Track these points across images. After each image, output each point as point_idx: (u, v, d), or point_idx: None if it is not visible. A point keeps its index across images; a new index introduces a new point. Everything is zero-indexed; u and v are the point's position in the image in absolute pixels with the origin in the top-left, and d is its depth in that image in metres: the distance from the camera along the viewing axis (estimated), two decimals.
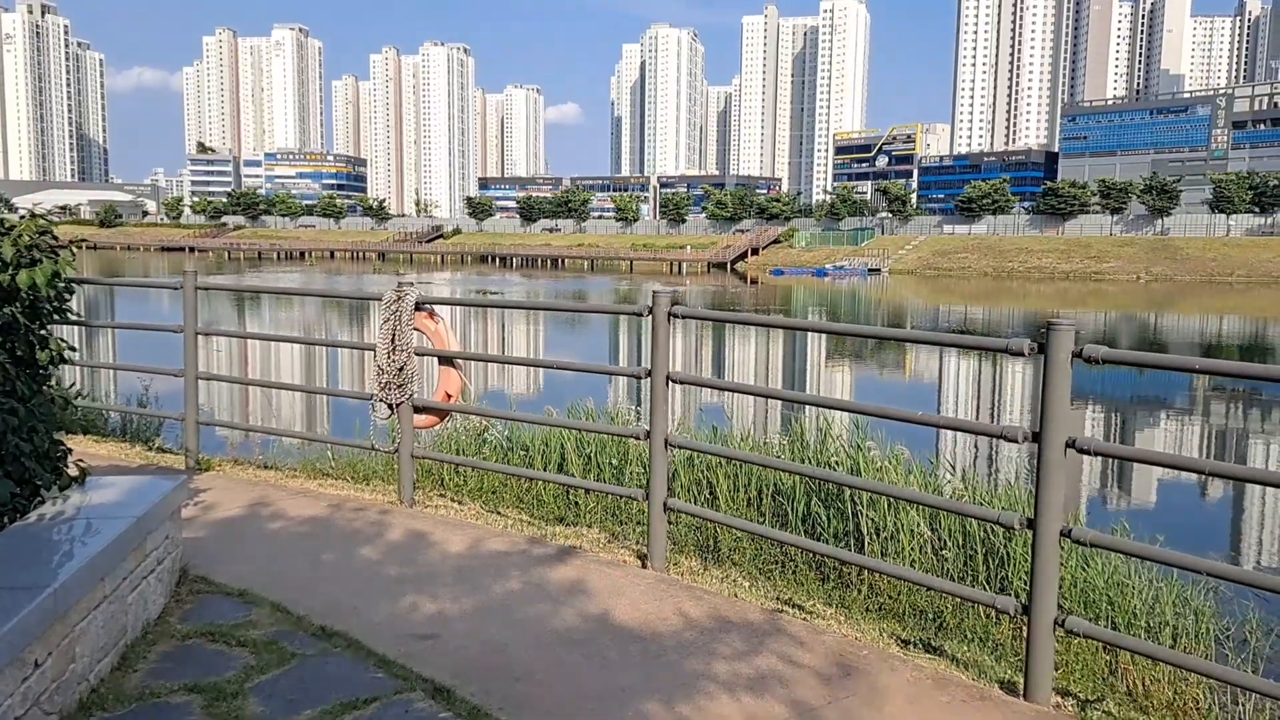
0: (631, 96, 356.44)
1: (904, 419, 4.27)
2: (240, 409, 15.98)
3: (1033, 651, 3.76)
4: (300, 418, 15.44)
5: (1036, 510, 3.69)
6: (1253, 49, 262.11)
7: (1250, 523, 11.99)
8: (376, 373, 6.32)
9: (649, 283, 78.93)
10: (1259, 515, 12.13)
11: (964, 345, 4.02)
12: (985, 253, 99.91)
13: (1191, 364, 3.36)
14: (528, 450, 8.91)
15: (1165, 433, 17.96)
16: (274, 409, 14.64)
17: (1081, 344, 3.54)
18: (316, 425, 14.90)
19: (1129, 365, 3.65)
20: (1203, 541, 10.52)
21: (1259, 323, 47.50)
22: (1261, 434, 18.10)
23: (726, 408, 15.99)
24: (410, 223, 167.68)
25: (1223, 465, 3.35)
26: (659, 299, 5.06)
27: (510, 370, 20.60)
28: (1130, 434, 17.70)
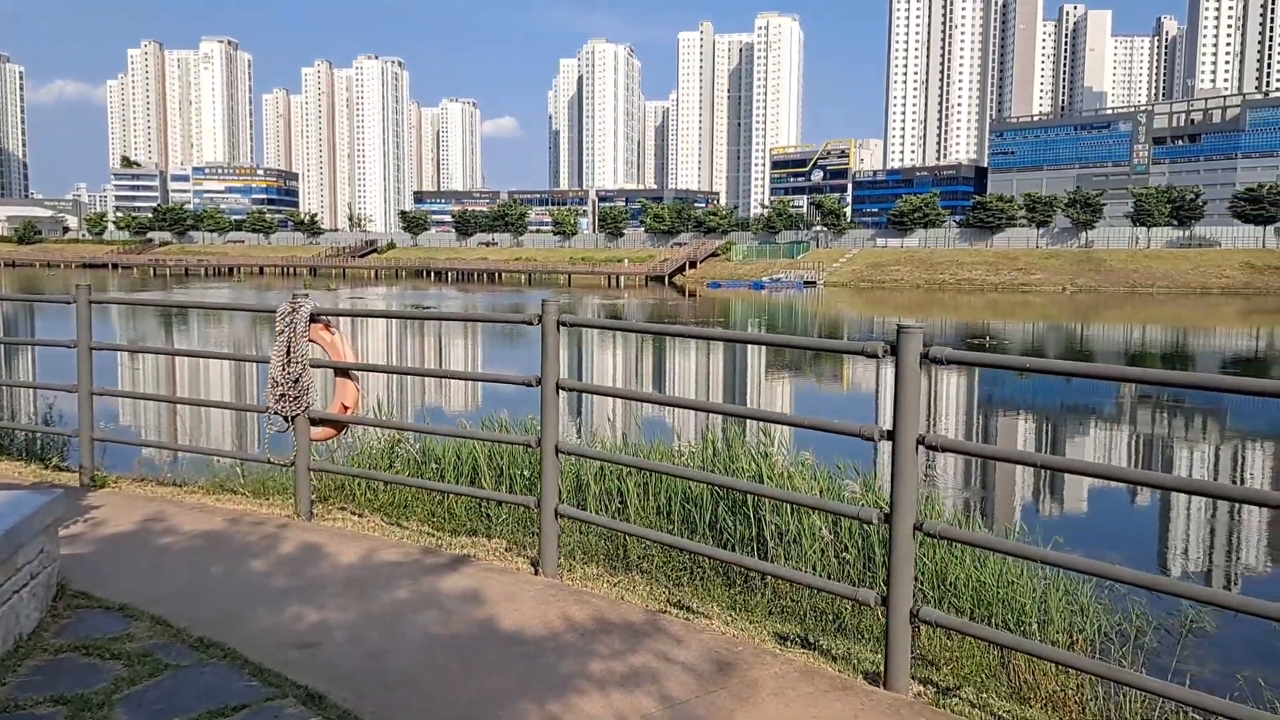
0: (569, 111, 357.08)
1: (770, 419, 4.41)
2: (159, 426, 15.68)
3: (891, 641, 3.91)
4: (212, 433, 15.20)
5: (892, 505, 3.85)
6: (1170, 67, 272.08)
7: (1154, 524, 12.45)
8: (271, 384, 6.29)
9: (588, 296, 79.01)
10: (1164, 517, 12.60)
11: (825, 349, 4.16)
12: (917, 265, 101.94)
13: (1023, 363, 3.56)
14: (440, 463, 8.91)
15: (1094, 439, 18.51)
16: (187, 425, 14.40)
17: (928, 346, 3.71)
18: (229, 440, 14.68)
19: (968, 365, 3.83)
20: (1123, 545, 10.91)
21: (1179, 331, 49.21)
22: (1186, 441, 18.77)
23: (668, 421, 16.12)
24: (343, 237, 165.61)
25: (1054, 459, 3.54)
26: (547, 308, 5.15)
27: (428, 383, 20.49)
28: (1060, 441, 18.24)
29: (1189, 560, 10.75)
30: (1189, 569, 10.39)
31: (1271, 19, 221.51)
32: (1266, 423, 19.39)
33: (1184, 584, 3.84)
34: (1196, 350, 39.19)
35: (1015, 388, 24.35)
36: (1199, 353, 38.01)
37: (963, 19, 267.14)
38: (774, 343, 4.33)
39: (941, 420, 19.96)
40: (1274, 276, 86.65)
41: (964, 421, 20.40)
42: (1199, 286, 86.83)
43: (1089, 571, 3.71)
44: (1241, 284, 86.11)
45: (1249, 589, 9.72)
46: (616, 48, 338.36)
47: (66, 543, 5.43)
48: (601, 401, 16.15)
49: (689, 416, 16.45)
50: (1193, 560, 10.76)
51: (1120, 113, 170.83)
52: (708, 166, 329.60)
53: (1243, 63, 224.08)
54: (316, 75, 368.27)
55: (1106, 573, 3.58)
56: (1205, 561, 10.71)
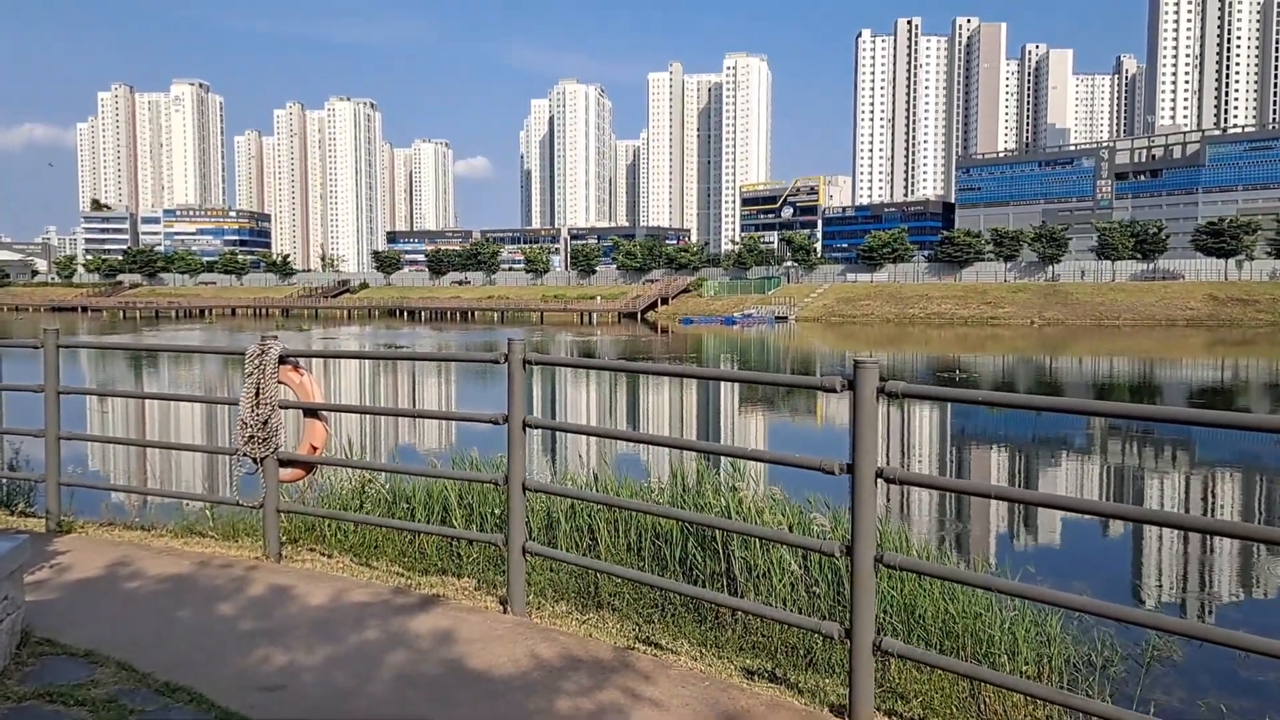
0: (541, 150, 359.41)
1: (736, 455, 4.48)
2: (126, 470, 15.50)
3: (855, 673, 3.96)
4: (181, 476, 15.05)
5: (853, 538, 3.92)
6: (1131, 104, 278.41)
7: (1122, 555, 12.59)
8: (240, 426, 6.30)
9: (560, 333, 79.05)
10: (1132, 548, 12.75)
11: (785, 384, 4.22)
12: (888, 300, 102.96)
13: (976, 396, 3.66)
14: (410, 502, 8.90)
15: (1064, 470, 18.71)
16: (155, 468, 14.25)
17: (884, 381, 3.80)
18: (198, 483, 14.55)
19: (924, 399, 3.93)
20: (1091, 575, 11.03)
21: (1146, 363, 49.92)
22: (1154, 471, 19.01)
23: (643, 458, 16.12)
24: (316, 278, 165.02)
25: (1007, 489, 3.62)
26: (514, 347, 5.21)
27: (400, 422, 20.40)
28: (1034, 475, 18.40)
29: (1156, 590, 10.87)
30: (1156, 599, 10.51)
31: (1228, 58, 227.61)
32: (1232, 454, 19.69)
33: (1149, 614, 3.94)
34: (1164, 382, 39.75)
35: (986, 421, 24.59)
36: (1166, 384, 38.56)
37: (927, 58, 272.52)
38: (737, 378, 4.42)
39: (914, 453, 20.11)
40: (1236, 308, 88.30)
41: (935, 454, 20.55)
42: (1164, 319, 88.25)
43: (1054, 602, 3.78)
44: (1205, 316, 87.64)
45: (1217, 619, 9.85)
46: (587, 88, 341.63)
47: (31, 589, 5.38)
48: (574, 439, 16.17)
49: (660, 453, 16.48)
50: (1159, 590, 10.89)
51: (1083, 149, 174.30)
52: (679, 204, 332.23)
53: (1201, 100, 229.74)
54: (288, 116, 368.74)
55: (1072, 603, 3.66)
56: (1173, 591, 10.84)
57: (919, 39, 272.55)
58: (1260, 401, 31.80)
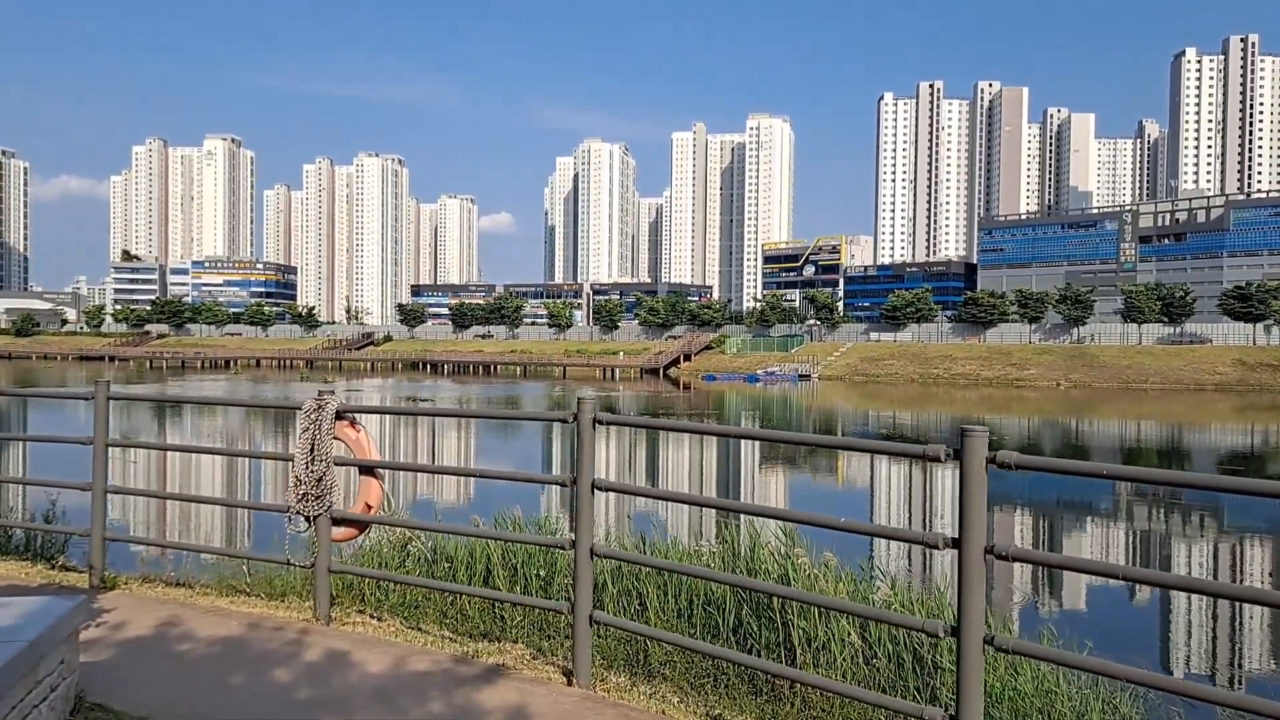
0: (565, 206, 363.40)
1: (828, 525, 4.27)
2: (156, 523, 15.37)
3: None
4: (218, 531, 14.89)
5: (960, 617, 3.69)
6: (1153, 168, 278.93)
7: (1180, 628, 12.14)
8: (294, 483, 6.14)
9: (582, 388, 79.00)
10: (1187, 620, 12.29)
11: (883, 450, 4.01)
12: (911, 359, 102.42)
13: (1100, 469, 3.44)
14: (451, 562, 8.69)
15: (1090, 536, 18.22)
16: (191, 523, 14.11)
17: (996, 450, 3.61)
18: (236, 539, 14.38)
19: (1041, 471, 3.73)
20: (1134, 647, 10.60)
21: (1175, 428, 49.17)
22: (1183, 538, 18.51)
23: (660, 515, 15.86)
24: (340, 330, 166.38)
25: (1141, 571, 3.40)
26: (584, 405, 5.05)
27: (438, 479, 20.22)
28: (1057, 538, 17.91)
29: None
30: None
31: (1250, 122, 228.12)
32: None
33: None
34: (1201, 448, 39.07)
35: (1062, 487, 23.81)
36: (1203, 450, 37.89)
37: (949, 121, 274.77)
38: (828, 444, 4.23)
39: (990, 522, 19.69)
40: (1266, 373, 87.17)
41: (1026, 525, 19.99)
42: (1192, 383, 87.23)
43: (1187, 694, 3.53)
44: (1235, 380, 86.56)
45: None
46: (612, 146, 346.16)
47: (83, 649, 5.21)
48: (612, 498, 15.89)
49: (693, 511, 16.18)
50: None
51: (1106, 212, 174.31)
52: (701, 261, 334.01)
53: (1224, 164, 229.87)
54: (318, 171, 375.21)
55: (1209, 696, 3.42)
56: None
57: (941, 102, 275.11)
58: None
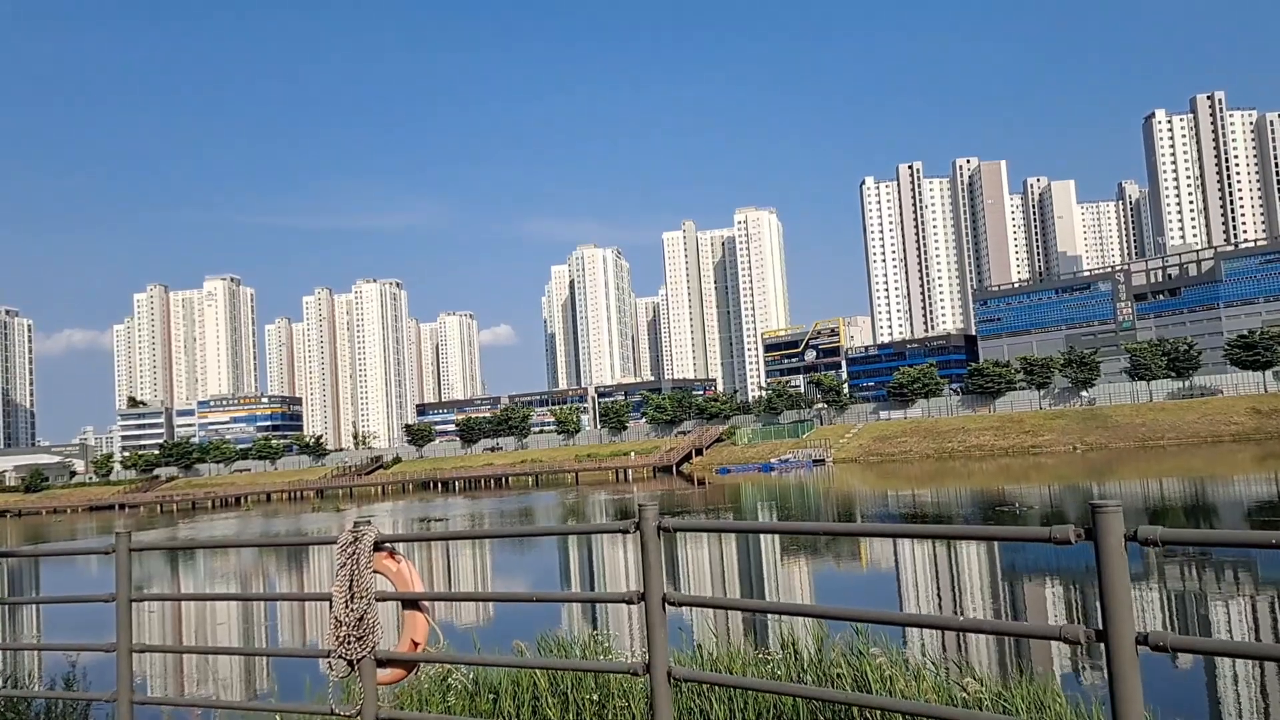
0: (563, 313, 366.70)
1: (946, 627, 3.82)
2: (175, 677, 14.68)
3: None
4: (239, 680, 14.21)
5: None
6: (1139, 227, 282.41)
7: None
8: (334, 625, 5.67)
9: (596, 493, 78.04)
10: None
11: (1002, 537, 3.60)
12: (924, 435, 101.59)
13: (1269, 539, 3.01)
14: (497, 694, 8.18)
15: (1235, 615, 17.07)
16: (212, 674, 13.45)
17: (1133, 525, 3.20)
18: (262, 687, 13.69)
19: (1190, 545, 3.31)
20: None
21: (1206, 483, 48.24)
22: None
23: (685, 618, 15.13)
24: (349, 456, 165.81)
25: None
26: (646, 511, 4.64)
27: (454, 604, 19.50)
28: (1206, 621, 16.93)
29: None
30: None
31: (1228, 175, 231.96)
32: None
33: None
34: (1241, 500, 38.21)
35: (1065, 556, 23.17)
36: (1242, 503, 37.03)
37: (932, 199, 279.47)
38: (939, 534, 3.81)
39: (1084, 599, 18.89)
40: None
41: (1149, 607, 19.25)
42: (1209, 436, 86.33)
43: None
44: (1252, 429, 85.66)
45: None
46: (605, 251, 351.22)
47: None
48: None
49: (732, 616, 15.47)
50: None
51: (1098, 274, 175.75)
52: (701, 355, 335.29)
53: (1208, 217, 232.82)
54: (317, 302, 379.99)
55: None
56: None
57: (921, 181, 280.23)
58: None
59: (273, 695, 10.23)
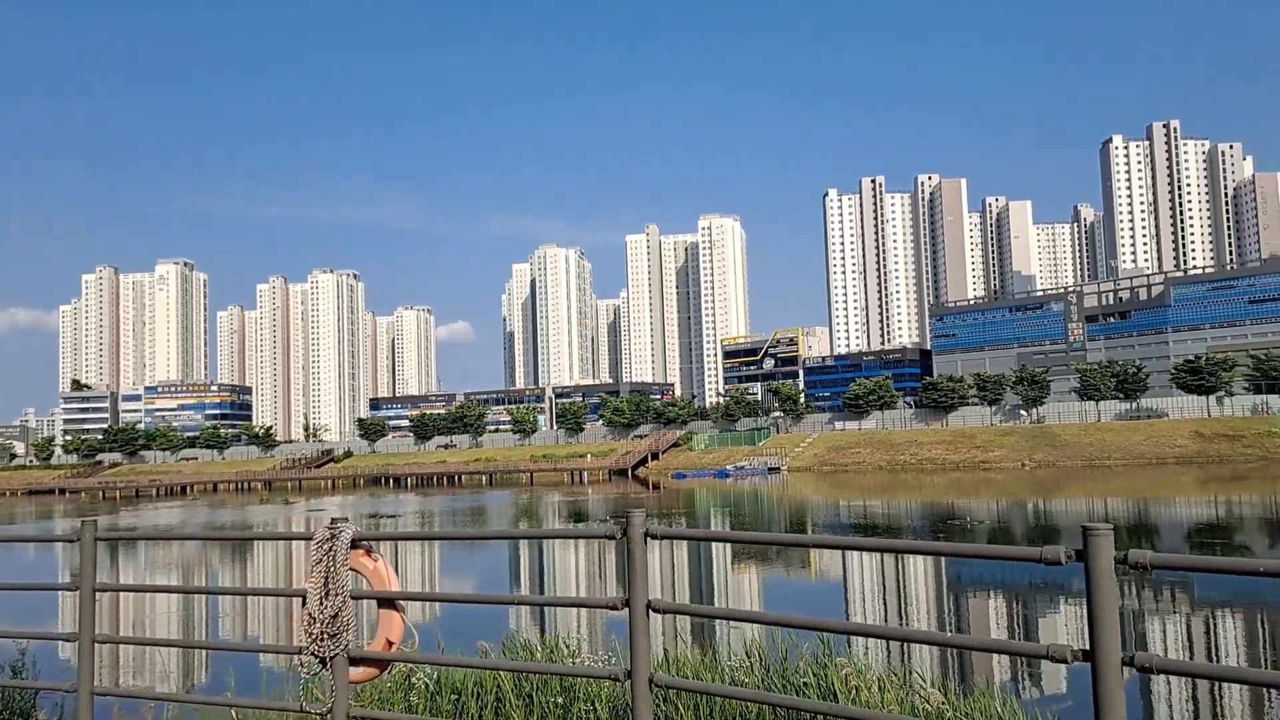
0: (523, 312, 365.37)
1: (933, 642, 3.88)
2: (110, 671, 14.38)
3: None
4: (184, 677, 13.96)
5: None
6: (1092, 250, 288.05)
7: None
8: (307, 622, 5.61)
9: (550, 494, 77.82)
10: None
11: (996, 556, 3.65)
12: (877, 447, 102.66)
13: (1256, 566, 3.10)
14: (459, 695, 8.14)
15: (1221, 638, 17.45)
16: (149, 668, 13.19)
17: (1124, 550, 3.28)
18: (198, 681, 13.46)
19: (1181, 570, 3.40)
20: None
21: (1156, 504, 49.30)
22: None
23: (661, 629, 15.14)
24: (299, 448, 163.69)
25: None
26: (633, 518, 4.66)
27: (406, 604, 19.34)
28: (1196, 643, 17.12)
29: None
30: None
31: (1180, 202, 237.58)
32: None
33: None
34: (1197, 523, 39.10)
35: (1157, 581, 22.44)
36: (1199, 526, 37.89)
37: (893, 213, 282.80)
38: (934, 551, 3.86)
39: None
40: (1224, 444, 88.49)
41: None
42: (1154, 457, 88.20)
43: None
44: (1194, 453, 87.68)
45: None
46: (567, 251, 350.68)
47: None
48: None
49: (681, 623, 15.51)
50: None
51: (1051, 294, 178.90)
52: (661, 359, 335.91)
53: (1159, 243, 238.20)
54: (271, 290, 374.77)
55: None
56: None
57: (883, 195, 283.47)
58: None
59: (228, 691, 10.06)
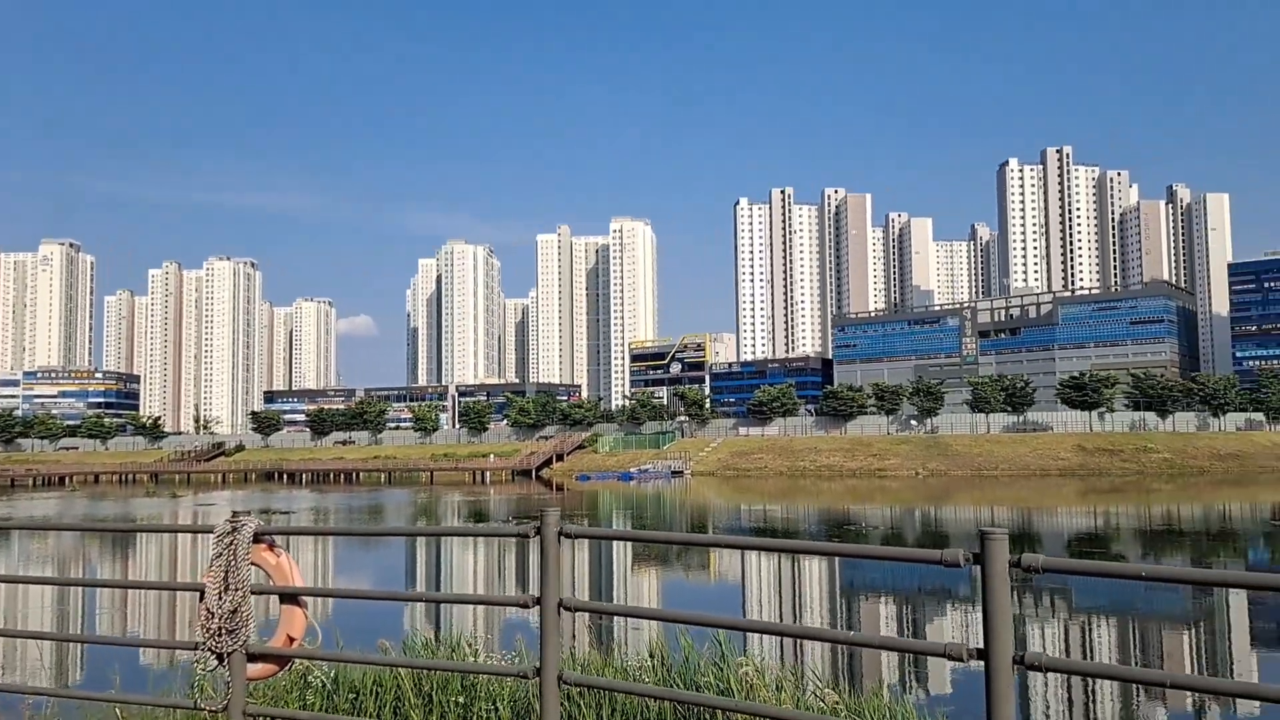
0: (428, 308, 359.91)
1: (836, 640, 4.00)
2: (2, 665, 13.68)
3: None
4: (76, 672, 13.36)
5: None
6: (987, 268, 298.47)
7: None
8: (204, 617, 5.46)
9: (450, 494, 76.88)
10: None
11: (897, 558, 3.80)
12: (779, 453, 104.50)
13: (1137, 570, 3.32)
14: (357, 694, 8.01)
15: (1110, 639, 18.18)
16: (45, 664, 12.60)
17: (1018, 554, 3.46)
18: (73, 679, 12.90)
19: (1070, 573, 3.59)
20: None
21: (1038, 513, 51.37)
22: (1204, 634, 18.77)
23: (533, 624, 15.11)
24: (189, 440, 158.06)
25: (1190, 678, 3.24)
26: (548, 517, 4.68)
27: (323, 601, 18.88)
28: (1086, 643, 17.94)
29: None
30: None
31: (1069, 225, 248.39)
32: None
33: None
34: (1104, 532, 40.83)
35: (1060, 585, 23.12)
36: (1079, 535, 39.57)
37: (801, 225, 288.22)
38: (839, 553, 3.99)
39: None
40: (1104, 458, 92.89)
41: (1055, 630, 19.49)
42: (1038, 469, 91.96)
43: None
44: (1076, 466, 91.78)
45: None
46: (476, 248, 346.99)
47: None
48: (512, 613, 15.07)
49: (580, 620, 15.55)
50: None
51: (947, 309, 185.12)
52: (568, 360, 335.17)
53: (1049, 263, 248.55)
54: (164, 276, 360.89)
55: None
56: None
57: (792, 207, 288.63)
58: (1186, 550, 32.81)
59: (112, 688, 9.67)
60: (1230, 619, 19.57)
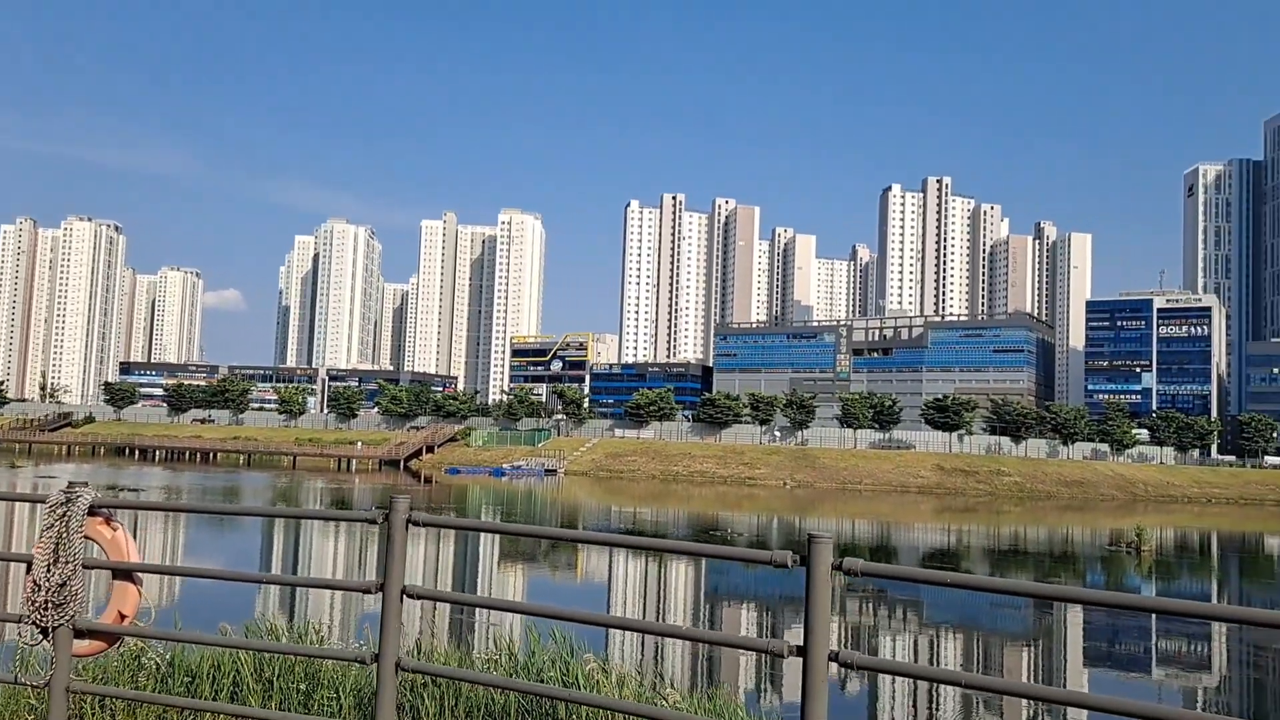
0: (302, 287, 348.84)
1: (671, 634, 4.16)
2: None
3: None
4: None
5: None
6: (865, 288, 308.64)
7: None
8: (30, 589, 5.25)
9: (313, 480, 74.85)
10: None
11: (729, 556, 3.99)
12: (653, 457, 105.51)
13: (945, 578, 3.58)
14: (193, 677, 7.79)
15: (924, 641, 19.03)
16: None
17: (841, 558, 3.68)
18: None
19: (885, 578, 3.83)
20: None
21: (895, 527, 53.36)
22: (1018, 642, 19.76)
23: (420, 621, 14.95)
24: (33, 408, 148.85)
25: (983, 679, 3.52)
26: (396, 504, 4.69)
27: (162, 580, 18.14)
28: (900, 644, 18.60)
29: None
30: None
31: (944, 252, 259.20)
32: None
33: None
34: (955, 548, 42.56)
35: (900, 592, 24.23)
36: (933, 550, 41.25)
37: (690, 232, 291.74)
38: (673, 549, 4.14)
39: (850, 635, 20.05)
40: (960, 478, 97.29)
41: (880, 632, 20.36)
42: (899, 485, 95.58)
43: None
44: (934, 484, 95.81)
45: None
46: (357, 228, 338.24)
47: None
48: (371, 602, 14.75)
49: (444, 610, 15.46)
50: None
51: (824, 326, 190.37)
52: (446, 351, 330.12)
53: (923, 288, 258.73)
54: (17, 232, 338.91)
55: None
56: None
57: (682, 214, 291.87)
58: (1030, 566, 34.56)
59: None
60: (1067, 635, 20.92)
